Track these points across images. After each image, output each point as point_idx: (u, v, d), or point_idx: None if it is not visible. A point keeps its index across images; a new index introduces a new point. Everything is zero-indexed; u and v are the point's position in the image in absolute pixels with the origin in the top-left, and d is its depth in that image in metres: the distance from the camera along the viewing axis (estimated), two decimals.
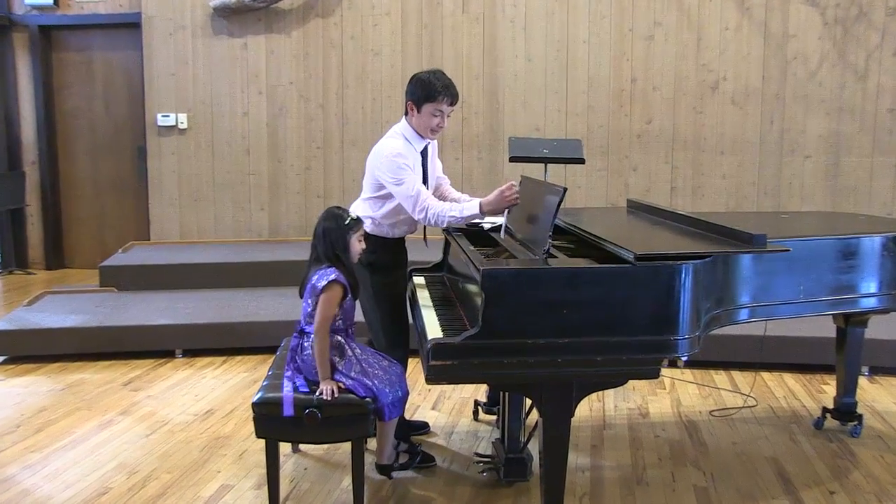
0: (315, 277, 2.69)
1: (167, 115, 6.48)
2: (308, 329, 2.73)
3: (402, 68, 6.33)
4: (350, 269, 2.73)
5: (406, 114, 3.06)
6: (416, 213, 2.92)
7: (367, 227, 2.99)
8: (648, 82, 6.13)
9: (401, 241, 3.19)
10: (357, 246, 2.77)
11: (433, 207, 2.88)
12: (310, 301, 2.71)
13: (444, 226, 2.92)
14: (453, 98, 2.98)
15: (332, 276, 2.66)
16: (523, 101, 6.28)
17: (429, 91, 2.96)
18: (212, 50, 6.46)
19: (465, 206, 2.86)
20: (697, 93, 6.08)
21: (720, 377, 4.37)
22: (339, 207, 2.82)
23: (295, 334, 2.80)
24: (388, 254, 3.11)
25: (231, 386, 4.20)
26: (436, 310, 2.76)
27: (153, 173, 6.57)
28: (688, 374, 4.42)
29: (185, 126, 6.49)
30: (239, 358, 4.69)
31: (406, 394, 2.80)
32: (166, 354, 4.71)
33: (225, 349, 4.76)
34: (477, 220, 3.24)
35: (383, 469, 2.99)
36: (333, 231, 2.72)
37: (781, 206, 6.03)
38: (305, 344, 2.73)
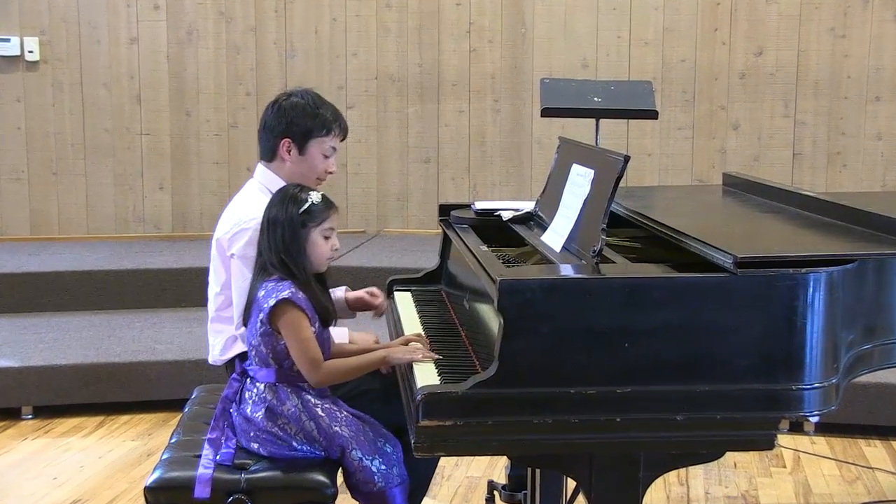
0: (261, 294, 2.70)
1: (5, 40, 6.48)
2: (256, 373, 2.75)
3: None
4: (309, 283, 2.73)
5: (271, 160, 3.20)
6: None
7: None
8: None
9: None
10: (324, 246, 2.77)
11: None
12: (256, 329, 2.72)
13: None
14: (346, 130, 3.23)
15: (285, 294, 2.66)
16: (563, 22, 6.31)
17: (316, 121, 3.13)
18: None
19: None
20: (838, 5, 6.11)
21: (874, 450, 4.38)
22: (298, 186, 2.85)
23: (234, 376, 2.82)
24: None
25: (110, 463, 4.22)
26: (429, 342, 2.77)
27: None
28: (821, 443, 4.43)
29: (35, 57, 6.50)
30: (124, 419, 4.71)
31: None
32: (6, 415, 4.72)
33: (101, 406, 4.77)
34: (492, 208, 3.28)
35: None
36: (282, 222, 2.72)
37: None
38: (248, 393, 2.75)
